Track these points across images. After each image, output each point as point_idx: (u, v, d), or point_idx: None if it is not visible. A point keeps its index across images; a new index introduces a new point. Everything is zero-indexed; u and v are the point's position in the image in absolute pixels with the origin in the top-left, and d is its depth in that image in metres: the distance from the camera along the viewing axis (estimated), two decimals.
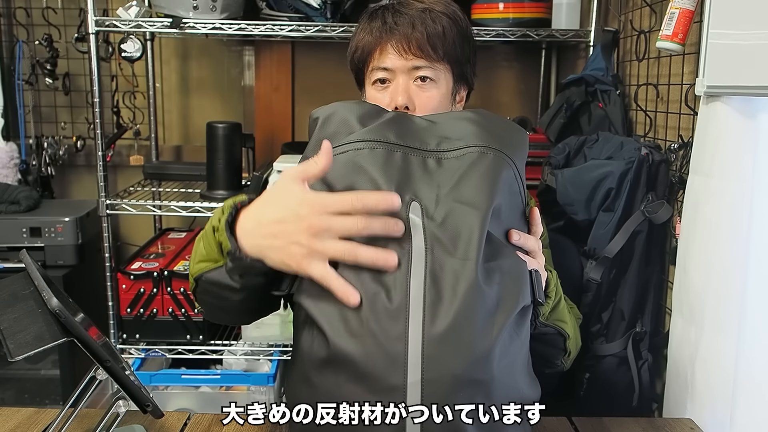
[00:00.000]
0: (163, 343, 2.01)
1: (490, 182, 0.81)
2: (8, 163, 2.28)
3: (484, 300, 0.74)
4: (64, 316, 0.75)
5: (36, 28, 2.38)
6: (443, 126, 0.88)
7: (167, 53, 2.45)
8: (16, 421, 1.06)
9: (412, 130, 0.87)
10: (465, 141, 0.85)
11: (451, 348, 0.72)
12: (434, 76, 1.09)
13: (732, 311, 1.18)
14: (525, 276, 0.81)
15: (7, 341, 0.76)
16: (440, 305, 0.73)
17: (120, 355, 0.88)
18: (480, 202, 0.79)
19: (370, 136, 0.83)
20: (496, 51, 2.40)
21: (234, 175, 2.03)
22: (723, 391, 1.19)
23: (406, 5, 1.10)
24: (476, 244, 0.75)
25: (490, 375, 0.73)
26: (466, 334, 0.72)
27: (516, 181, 0.86)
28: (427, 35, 1.06)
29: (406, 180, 0.81)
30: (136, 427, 1.03)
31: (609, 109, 1.77)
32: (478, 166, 0.82)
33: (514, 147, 0.87)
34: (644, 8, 1.74)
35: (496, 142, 0.85)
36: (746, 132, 1.15)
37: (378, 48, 1.09)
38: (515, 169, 0.86)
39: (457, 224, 0.77)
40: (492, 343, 0.73)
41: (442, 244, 0.76)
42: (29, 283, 0.85)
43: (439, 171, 0.82)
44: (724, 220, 1.18)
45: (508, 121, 0.96)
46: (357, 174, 0.80)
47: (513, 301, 0.77)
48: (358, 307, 0.73)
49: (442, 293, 0.73)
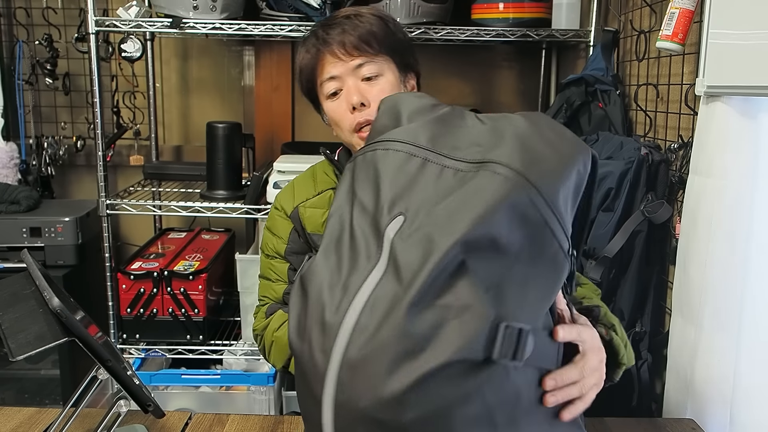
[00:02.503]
0: (163, 343, 2.01)
1: (476, 207, 0.67)
2: (8, 163, 2.28)
3: (403, 340, 0.65)
4: (65, 315, 0.75)
5: (36, 28, 2.38)
6: (484, 129, 0.76)
7: (167, 53, 2.45)
8: (17, 420, 1.07)
9: (453, 131, 0.78)
10: (486, 152, 0.72)
11: (360, 379, 0.67)
12: (378, 70, 1.15)
13: (732, 311, 1.18)
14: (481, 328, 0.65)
15: (8, 341, 0.76)
16: (364, 333, 0.67)
17: (121, 354, 0.88)
18: (449, 230, 0.67)
19: (402, 135, 0.78)
20: (496, 51, 2.41)
21: (234, 175, 2.04)
22: (723, 391, 1.19)
23: (333, 18, 1.18)
24: (422, 277, 0.66)
25: (401, 422, 0.65)
26: (376, 370, 0.66)
27: (537, 211, 0.68)
28: (359, 35, 1.13)
29: (407, 191, 0.73)
30: (137, 426, 1.03)
31: (609, 109, 1.77)
32: (469, 186, 0.70)
33: (552, 171, 0.70)
34: (644, 8, 1.74)
35: (521, 160, 0.70)
36: (746, 132, 1.15)
37: (319, 62, 1.16)
38: (540, 197, 0.68)
39: (417, 249, 0.68)
40: (403, 388, 0.64)
41: (397, 269, 0.68)
42: (30, 283, 0.85)
43: (447, 184, 0.72)
44: (724, 220, 1.18)
45: (566, 135, 0.74)
46: (368, 176, 0.77)
47: (446, 351, 0.64)
48: (310, 312, 0.73)
49: (371, 321, 0.67)
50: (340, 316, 0.69)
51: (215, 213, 1.98)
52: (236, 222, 2.34)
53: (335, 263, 0.74)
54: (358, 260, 0.72)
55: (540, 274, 0.70)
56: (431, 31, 1.92)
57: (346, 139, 1.18)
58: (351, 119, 1.14)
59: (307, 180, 1.27)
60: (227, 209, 1.96)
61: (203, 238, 2.32)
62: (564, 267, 0.71)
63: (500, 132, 0.74)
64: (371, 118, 1.12)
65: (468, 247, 0.66)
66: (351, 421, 0.69)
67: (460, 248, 0.66)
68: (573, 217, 0.74)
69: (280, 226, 1.25)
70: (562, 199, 0.70)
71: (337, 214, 0.78)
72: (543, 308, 0.70)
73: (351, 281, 0.71)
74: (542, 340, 0.70)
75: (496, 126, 0.75)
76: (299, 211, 1.23)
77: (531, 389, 0.70)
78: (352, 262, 0.72)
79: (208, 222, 2.40)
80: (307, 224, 1.22)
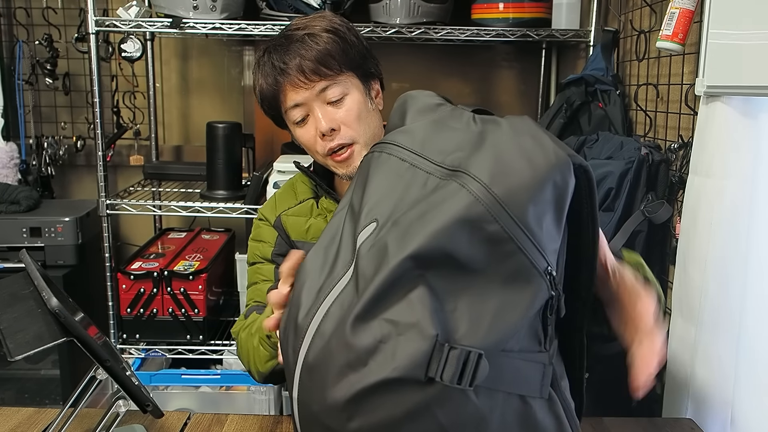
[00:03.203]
0: (163, 343, 2.01)
1: (434, 221, 0.64)
2: (8, 163, 2.28)
3: (347, 351, 0.65)
4: (64, 315, 0.75)
5: (36, 28, 2.38)
6: (471, 134, 0.73)
7: (167, 53, 2.45)
8: (16, 420, 1.07)
9: (445, 134, 0.75)
10: (464, 159, 0.69)
11: (313, 383, 0.68)
12: (342, 90, 1.11)
13: (732, 311, 1.18)
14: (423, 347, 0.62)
15: (6, 341, 0.76)
16: (322, 338, 0.67)
17: (120, 354, 0.88)
18: (403, 243, 0.65)
19: (398, 138, 0.77)
20: (496, 51, 2.41)
21: (234, 175, 2.04)
22: (723, 391, 1.19)
23: (286, 39, 1.12)
24: (371, 289, 0.64)
25: (343, 429, 0.65)
26: (324, 377, 0.66)
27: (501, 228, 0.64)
28: (316, 58, 1.09)
29: (386, 197, 0.71)
30: (136, 426, 1.03)
31: (609, 109, 1.77)
32: (435, 196, 0.67)
33: (521, 184, 0.65)
34: (644, 8, 1.74)
35: (490, 172, 0.66)
36: (746, 132, 1.15)
37: (280, 91, 1.12)
38: (505, 213, 0.64)
39: (374, 259, 0.66)
40: (346, 398, 0.64)
41: (357, 278, 0.67)
42: (29, 283, 0.85)
43: (420, 192, 0.70)
44: (724, 220, 1.18)
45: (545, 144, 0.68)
46: (361, 178, 0.77)
47: (385, 369, 0.62)
48: (291, 311, 0.74)
49: (327, 328, 0.67)
50: (309, 318, 0.69)
51: (215, 213, 1.98)
52: (236, 222, 2.33)
53: (320, 265, 0.73)
54: (336, 264, 0.71)
55: (508, 293, 0.65)
56: (431, 31, 1.92)
57: (320, 161, 1.17)
58: (322, 145, 1.11)
59: (288, 191, 1.28)
60: (227, 209, 1.97)
61: (203, 238, 2.32)
62: (539, 286, 0.66)
63: (482, 138, 0.71)
64: (343, 141, 1.11)
65: (421, 262, 0.64)
66: (309, 422, 0.70)
67: (412, 263, 0.64)
68: (563, 235, 0.70)
69: (265, 233, 1.26)
70: (532, 213, 0.65)
71: (337, 214, 0.78)
72: (512, 330, 0.66)
73: (325, 285, 0.70)
74: (513, 366, 0.66)
75: (482, 130, 0.72)
76: (282, 220, 1.23)
77: (505, 414, 0.66)
78: (332, 266, 0.72)
79: (208, 222, 2.40)
80: (291, 232, 1.22)
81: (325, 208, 1.21)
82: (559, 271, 0.70)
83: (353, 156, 1.12)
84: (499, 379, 0.65)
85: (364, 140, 1.13)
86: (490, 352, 0.63)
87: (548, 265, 0.67)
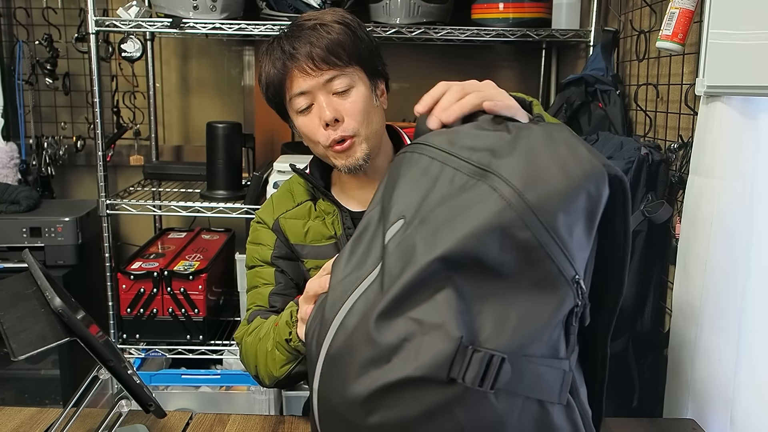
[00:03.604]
0: (163, 343, 2.01)
1: (465, 224, 0.64)
2: (8, 163, 2.28)
3: (370, 347, 0.66)
4: (67, 315, 0.75)
5: (36, 28, 2.38)
6: (504, 137, 0.73)
7: (167, 53, 2.45)
8: (18, 420, 1.07)
9: (476, 133, 0.75)
10: (494, 160, 0.69)
11: (334, 376, 0.69)
12: (349, 83, 1.11)
13: (732, 311, 1.18)
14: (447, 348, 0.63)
15: (9, 340, 0.76)
16: (342, 332, 0.69)
17: (122, 354, 0.88)
18: (432, 243, 0.65)
19: (430, 139, 0.77)
20: (496, 51, 2.41)
21: (234, 175, 2.04)
22: (723, 391, 1.19)
23: (298, 27, 1.12)
24: (397, 287, 0.65)
25: (365, 425, 0.66)
26: (346, 370, 0.68)
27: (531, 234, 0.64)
28: (327, 47, 1.09)
29: (414, 193, 0.72)
30: (138, 426, 1.03)
31: (609, 109, 1.77)
32: (465, 197, 0.67)
33: (554, 192, 0.65)
34: (644, 8, 1.74)
35: (522, 177, 0.66)
36: (746, 132, 1.15)
37: (287, 77, 1.11)
38: (536, 219, 0.64)
39: (401, 258, 0.67)
40: (367, 393, 0.65)
41: (383, 275, 0.68)
42: (32, 283, 0.85)
43: (448, 190, 0.70)
44: (724, 220, 1.18)
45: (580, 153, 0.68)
46: (393, 176, 0.77)
47: (408, 367, 0.63)
48: (320, 304, 0.76)
49: (352, 322, 0.68)
50: (335, 312, 0.70)
51: (215, 213, 1.98)
52: (236, 222, 2.33)
53: (348, 258, 0.74)
54: (366, 261, 0.72)
55: (534, 299, 0.66)
56: (431, 31, 1.92)
57: (319, 152, 1.16)
58: (325, 135, 1.11)
59: (285, 194, 1.27)
60: (227, 209, 1.97)
61: (203, 238, 2.32)
62: (565, 294, 0.66)
63: (515, 142, 0.71)
64: (346, 133, 1.10)
65: (450, 264, 0.64)
66: (328, 414, 0.71)
67: (440, 264, 0.64)
68: (593, 244, 0.70)
69: (263, 236, 1.25)
70: (563, 222, 0.65)
71: (369, 212, 0.78)
72: (535, 335, 0.66)
73: (352, 280, 0.71)
74: (534, 371, 0.67)
75: (516, 135, 0.72)
76: (280, 222, 1.23)
77: (522, 419, 0.67)
78: (361, 262, 0.73)
79: (208, 222, 2.40)
80: (290, 235, 1.22)
81: (323, 210, 1.21)
82: (587, 280, 0.71)
83: (354, 148, 1.12)
84: (520, 383, 0.65)
85: (366, 134, 1.13)
86: (512, 356, 0.63)
87: (576, 274, 0.67)
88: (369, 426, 0.66)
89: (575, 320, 0.69)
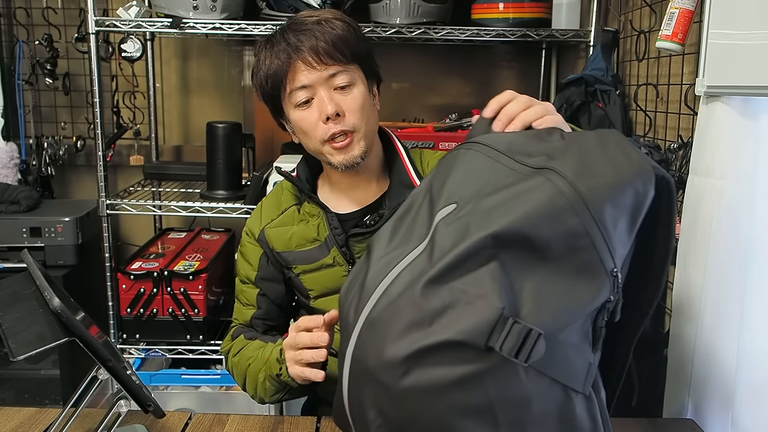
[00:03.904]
0: (163, 343, 2.01)
1: (519, 207, 0.69)
2: (8, 163, 2.28)
3: (414, 310, 0.69)
4: (66, 315, 0.75)
5: (36, 28, 2.38)
6: (559, 144, 0.77)
7: (167, 53, 2.45)
8: (17, 420, 1.07)
9: (533, 142, 0.79)
10: (548, 161, 0.74)
11: (373, 338, 0.72)
12: (350, 79, 1.12)
13: (732, 311, 1.18)
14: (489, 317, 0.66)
15: (8, 341, 0.76)
16: (385, 298, 0.73)
17: (121, 354, 0.88)
18: (485, 222, 0.69)
19: (485, 139, 0.82)
20: (496, 51, 2.41)
21: (234, 175, 2.04)
22: (723, 391, 1.19)
23: (300, 23, 1.13)
24: (448, 258, 0.69)
25: (398, 388, 0.69)
26: (386, 332, 0.71)
27: (579, 221, 0.68)
28: (332, 42, 1.10)
29: (468, 184, 0.76)
30: (137, 426, 1.03)
31: (609, 109, 1.77)
32: (519, 186, 0.72)
33: (604, 185, 0.69)
34: (644, 8, 1.74)
35: (575, 171, 0.70)
36: (746, 132, 1.15)
37: (290, 69, 1.11)
38: (585, 208, 0.68)
39: (453, 235, 0.71)
40: (404, 355, 0.68)
41: (432, 249, 0.72)
42: (31, 283, 0.85)
43: (503, 182, 0.74)
44: (724, 220, 1.18)
45: (631, 155, 0.73)
46: (445, 168, 0.82)
47: (450, 330, 0.66)
48: (359, 276, 0.80)
49: (395, 289, 0.72)
50: (377, 282, 0.75)
51: (215, 213, 1.98)
52: (236, 222, 2.33)
53: (390, 236, 0.80)
54: (410, 239, 0.77)
55: (573, 284, 0.69)
56: (431, 31, 1.92)
57: (314, 148, 1.15)
58: (324, 129, 1.11)
59: (274, 199, 1.28)
60: (227, 209, 1.97)
61: (203, 238, 2.32)
62: (602, 284, 0.70)
63: (569, 145, 0.76)
64: (346, 128, 1.11)
65: (500, 242, 0.68)
66: (360, 377, 0.74)
67: (491, 241, 0.68)
68: (632, 244, 0.73)
69: (250, 253, 1.27)
70: (610, 214, 0.69)
71: (414, 195, 0.84)
72: (570, 319, 0.69)
73: (396, 254, 0.76)
74: (564, 355, 0.69)
75: (569, 140, 0.77)
76: (265, 233, 1.24)
77: (547, 401, 0.69)
78: (405, 239, 0.78)
79: (208, 222, 2.40)
80: (276, 244, 1.23)
81: (308, 213, 1.22)
82: (622, 276, 0.73)
83: (352, 144, 1.12)
84: (550, 364, 0.68)
85: (364, 132, 1.13)
86: (547, 335, 0.66)
87: (614, 267, 0.70)
88: (402, 388, 0.69)
89: (607, 315, 0.72)
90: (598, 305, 0.71)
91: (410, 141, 1.91)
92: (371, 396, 0.73)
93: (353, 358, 0.75)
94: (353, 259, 1.17)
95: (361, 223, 1.18)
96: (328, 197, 1.23)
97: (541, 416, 0.69)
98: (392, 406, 0.71)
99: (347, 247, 1.17)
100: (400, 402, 0.70)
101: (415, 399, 0.69)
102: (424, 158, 1.25)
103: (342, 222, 1.19)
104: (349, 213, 1.21)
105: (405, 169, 1.19)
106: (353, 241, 1.17)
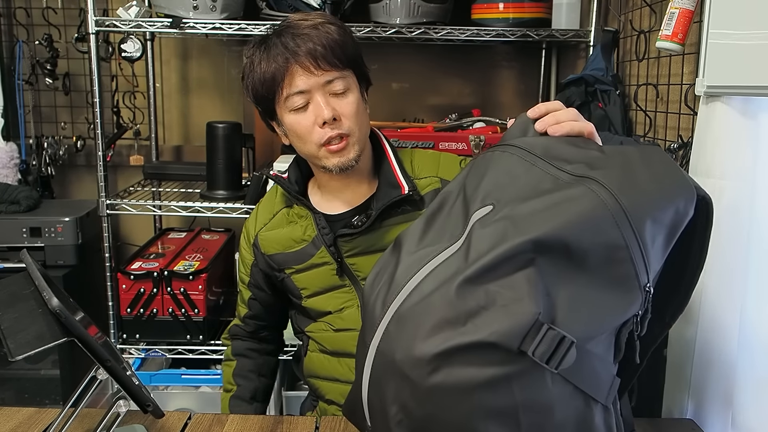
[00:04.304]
0: (163, 343, 2.01)
1: (561, 214, 0.69)
2: (8, 163, 2.28)
3: (448, 308, 0.69)
4: (65, 315, 0.75)
5: (36, 28, 2.38)
6: (598, 154, 0.77)
7: (167, 53, 2.45)
8: (16, 420, 1.07)
9: (570, 148, 0.79)
10: (589, 170, 0.74)
11: (402, 333, 0.72)
12: (346, 85, 1.13)
13: (732, 311, 1.18)
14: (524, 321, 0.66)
15: (7, 341, 0.76)
16: (417, 294, 0.73)
17: (120, 354, 0.88)
18: (526, 227, 0.69)
19: (519, 142, 0.82)
20: (496, 51, 2.41)
21: (234, 175, 2.04)
22: (723, 391, 1.19)
23: (295, 27, 1.12)
24: (485, 259, 0.69)
25: (425, 385, 0.69)
26: (417, 328, 0.71)
27: (619, 233, 0.68)
28: (329, 47, 1.10)
29: (505, 186, 0.77)
30: (136, 426, 1.03)
31: (609, 109, 1.77)
32: (562, 193, 0.72)
33: (646, 200, 0.70)
34: (644, 8, 1.74)
35: (618, 183, 0.71)
36: (746, 132, 1.15)
37: (287, 73, 1.10)
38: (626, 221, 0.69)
39: (491, 237, 0.71)
40: (435, 352, 0.68)
41: (468, 249, 0.72)
42: (30, 283, 0.85)
43: (542, 187, 0.74)
44: (724, 220, 1.18)
45: (675, 174, 0.74)
46: (480, 169, 0.82)
47: (483, 331, 0.67)
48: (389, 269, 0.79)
49: (429, 286, 0.72)
50: (408, 277, 0.75)
51: (215, 213, 1.98)
52: (236, 222, 2.33)
53: (422, 233, 0.80)
54: (443, 236, 0.77)
55: (606, 296, 0.69)
56: (431, 31, 1.92)
57: (308, 151, 1.15)
58: (320, 134, 1.11)
59: (268, 201, 1.30)
60: (227, 209, 1.97)
61: (203, 238, 2.32)
62: (635, 298, 0.70)
63: (610, 157, 0.76)
64: (342, 131, 1.11)
65: (540, 247, 0.68)
66: (385, 370, 0.74)
67: (531, 246, 0.68)
68: (665, 257, 0.74)
69: (245, 256, 1.31)
70: (649, 230, 0.69)
71: (447, 194, 0.84)
72: (600, 330, 0.70)
73: (429, 251, 0.76)
74: (591, 365, 0.70)
75: (610, 152, 0.77)
76: (259, 239, 1.26)
77: (569, 409, 0.69)
78: (437, 237, 0.78)
79: (208, 222, 2.40)
80: (268, 249, 1.25)
81: (296, 214, 1.23)
82: (652, 292, 0.73)
83: (348, 147, 1.13)
84: (577, 372, 0.68)
85: (358, 136, 1.14)
86: (577, 344, 0.66)
87: (648, 282, 0.71)
88: (429, 385, 0.69)
89: (635, 327, 0.73)
90: (628, 318, 0.71)
91: (410, 141, 1.91)
92: (394, 390, 0.72)
93: (378, 350, 0.75)
94: (341, 258, 1.18)
95: (349, 224, 1.19)
96: (319, 199, 1.25)
97: (561, 423, 0.69)
98: (416, 403, 0.71)
99: (335, 247, 1.18)
100: (425, 399, 0.70)
101: (441, 397, 0.68)
102: (415, 158, 1.25)
103: (331, 222, 1.20)
104: (338, 214, 1.22)
105: (391, 169, 1.20)
106: (341, 241, 1.18)
